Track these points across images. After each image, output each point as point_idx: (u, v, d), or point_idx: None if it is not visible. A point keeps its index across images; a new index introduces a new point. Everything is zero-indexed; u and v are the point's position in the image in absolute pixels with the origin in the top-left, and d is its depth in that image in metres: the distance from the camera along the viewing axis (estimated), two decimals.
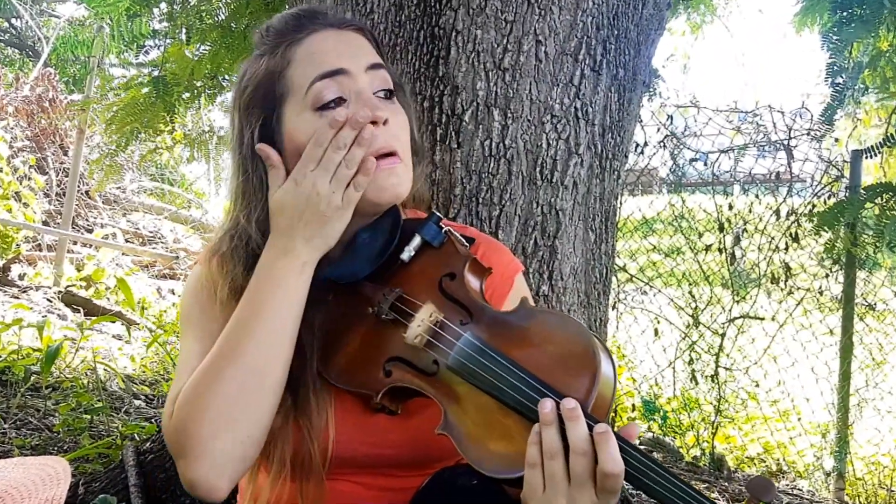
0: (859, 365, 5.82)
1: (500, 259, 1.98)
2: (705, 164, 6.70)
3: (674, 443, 5.97)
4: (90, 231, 10.34)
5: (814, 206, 5.76)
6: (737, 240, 6.24)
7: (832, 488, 5.54)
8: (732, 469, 5.64)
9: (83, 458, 3.86)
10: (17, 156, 9.94)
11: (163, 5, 4.94)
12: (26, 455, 3.89)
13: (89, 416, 4.44)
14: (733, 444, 6.08)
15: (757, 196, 6.35)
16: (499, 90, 2.57)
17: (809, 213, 5.67)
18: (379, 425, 1.75)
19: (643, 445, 5.71)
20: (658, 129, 6.57)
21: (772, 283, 6.05)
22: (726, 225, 6.13)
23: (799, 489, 5.61)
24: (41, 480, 1.49)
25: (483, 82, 2.57)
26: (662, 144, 6.57)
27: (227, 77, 4.81)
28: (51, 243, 9.39)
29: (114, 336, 6.96)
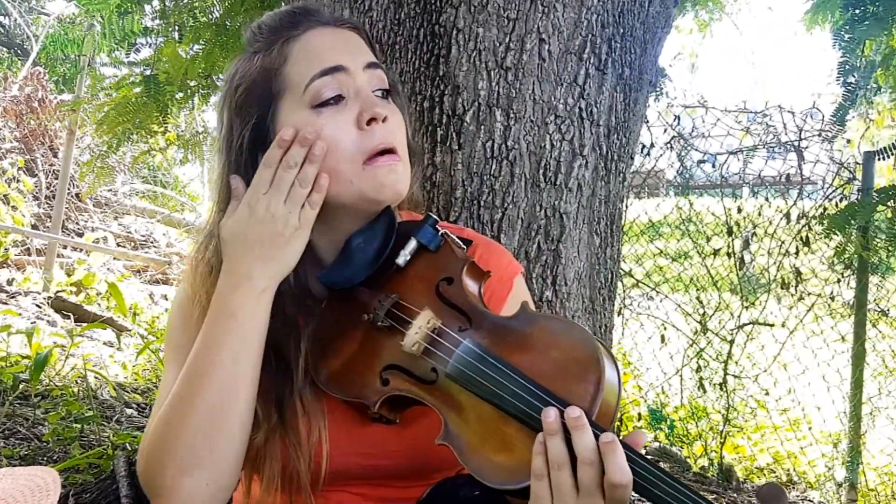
0: (872, 373, 5.82)
1: (499, 261, 1.98)
2: (713, 166, 6.70)
3: (681, 453, 5.97)
4: (80, 235, 10.34)
5: (825, 210, 5.75)
6: (746, 244, 6.25)
7: (844, 499, 5.54)
8: (741, 480, 5.64)
9: (73, 469, 3.86)
10: (6, 157, 9.96)
11: (155, 2, 4.93)
12: (14, 465, 3.89)
13: (79, 426, 4.44)
14: (742, 455, 6.08)
15: (767, 199, 6.35)
16: (501, 90, 2.57)
17: (820, 217, 5.66)
18: (376, 435, 1.75)
19: (649, 455, 5.71)
20: (665, 130, 6.58)
21: (782, 289, 6.06)
22: (735, 228, 6.13)
23: (810, 500, 5.61)
24: (30, 491, 1.49)
25: (485, 82, 2.57)
26: (669, 146, 6.58)
27: (222, 77, 4.81)
28: (40, 247, 9.39)
29: (105, 343, 6.96)
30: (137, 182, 13.10)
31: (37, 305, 7.77)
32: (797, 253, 5.93)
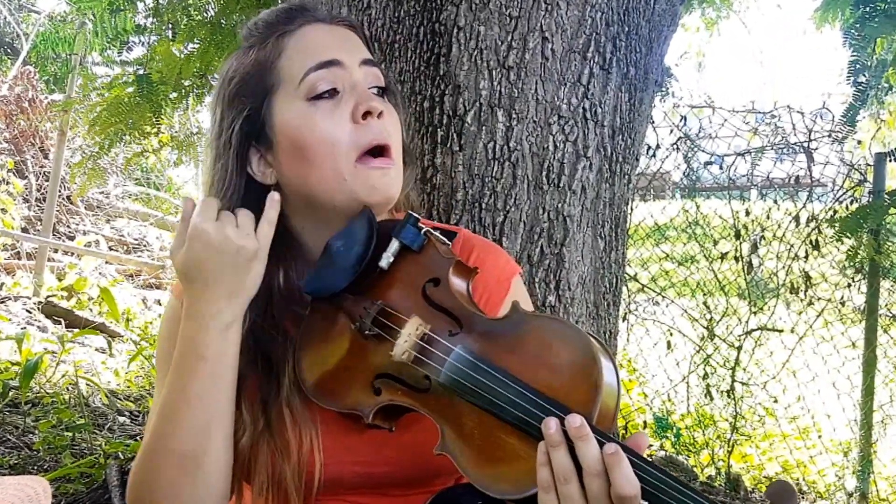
0: (883, 379, 5.81)
1: (496, 261, 1.99)
2: (721, 168, 6.69)
3: (687, 462, 5.96)
4: (72, 238, 10.35)
5: (835, 212, 5.74)
6: (754, 247, 6.23)
7: None
8: (749, 489, 5.63)
9: (64, 478, 3.86)
10: None
11: (148, 0, 4.94)
12: (4, 475, 3.88)
13: (71, 434, 4.44)
14: (750, 464, 6.07)
15: (775, 201, 6.35)
16: (503, 90, 2.57)
17: (831, 220, 5.65)
18: (371, 442, 1.75)
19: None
20: (671, 131, 6.57)
21: (791, 294, 6.05)
22: (743, 232, 6.12)
23: None
24: (20, 501, 1.49)
25: (486, 81, 2.57)
26: (675, 147, 6.57)
27: (217, 76, 4.81)
28: (30, 251, 9.40)
29: (97, 349, 6.96)
30: (130, 184, 13.10)
31: (27, 311, 7.77)
32: (807, 257, 5.92)
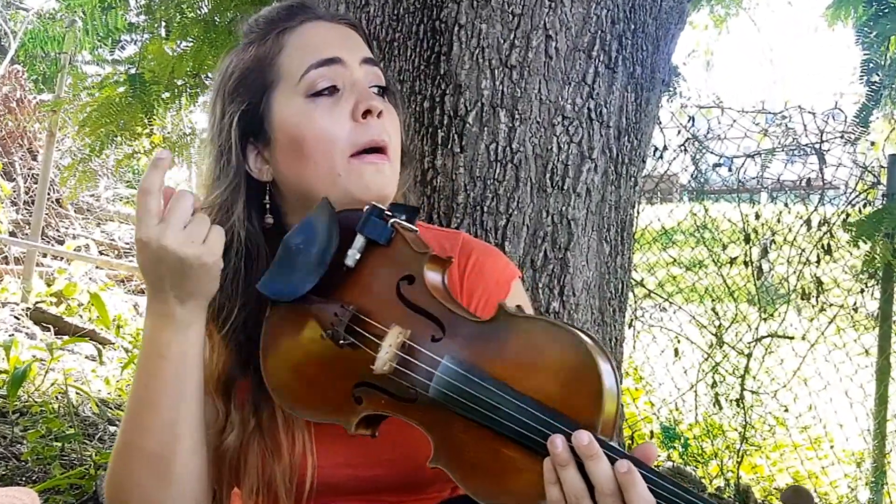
0: None
1: (496, 264, 2.00)
2: (730, 170, 6.69)
3: (695, 473, 5.95)
4: (61, 242, 10.35)
5: (848, 216, 5.73)
6: (764, 252, 6.23)
7: None
8: (759, 501, 5.63)
9: (54, 490, 3.86)
10: None
11: None
12: None
13: (60, 444, 4.44)
14: (760, 475, 6.06)
15: (786, 204, 6.34)
16: (505, 89, 2.57)
17: (843, 223, 5.65)
18: (366, 444, 1.71)
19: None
20: (678, 132, 6.57)
21: (802, 299, 6.04)
22: (753, 236, 6.12)
23: None
24: None
25: (488, 81, 2.57)
26: (683, 148, 6.56)
27: (210, 75, 4.81)
28: (18, 256, 9.39)
29: (87, 357, 6.95)
30: (121, 187, 13.10)
31: (15, 317, 7.77)
32: (818, 261, 5.91)
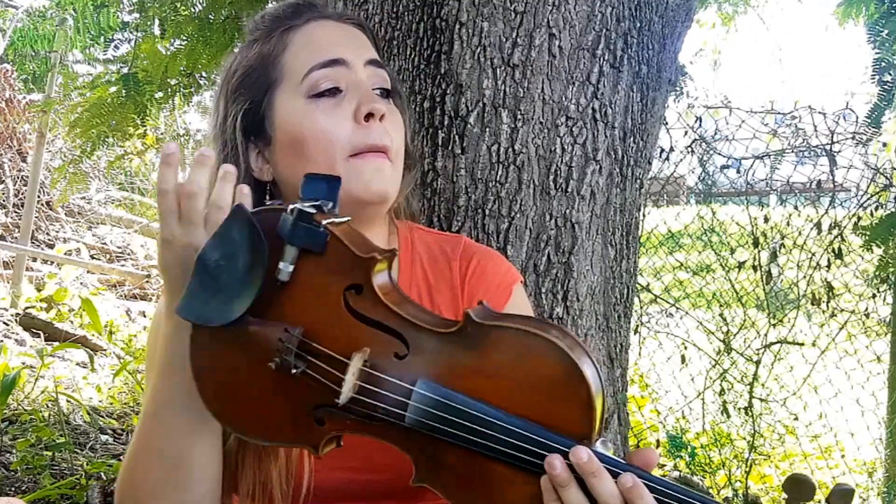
0: None
1: (497, 268, 2.02)
2: (738, 172, 6.68)
3: (703, 483, 5.95)
4: (51, 246, 10.35)
5: (859, 219, 5.73)
6: (773, 256, 6.22)
7: None
8: None
9: (44, 500, 3.86)
10: None
11: None
12: None
13: (50, 453, 4.44)
14: (769, 485, 6.05)
15: (796, 207, 6.34)
16: (507, 89, 2.57)
17: (854, 227, 5.65)
18: (363, 447, 1.67)
19: None
20: (685, 133, 6.56)
21: (812, 305, 6.03)
22: (761, 239, 6.11)
23: None
24: None
25: (490, 80, 2.57)
26: (690, 149, 6.56)
27: (205, 75, 4.82)
28: (7, 260, 9.40)
29: (78, 363, 6.96)
30: (113, 189, 13.09)
31: (4, 323, 7.77)
32: (829, 266, 5.90)
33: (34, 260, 9.76)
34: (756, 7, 9.95)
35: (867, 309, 5.96)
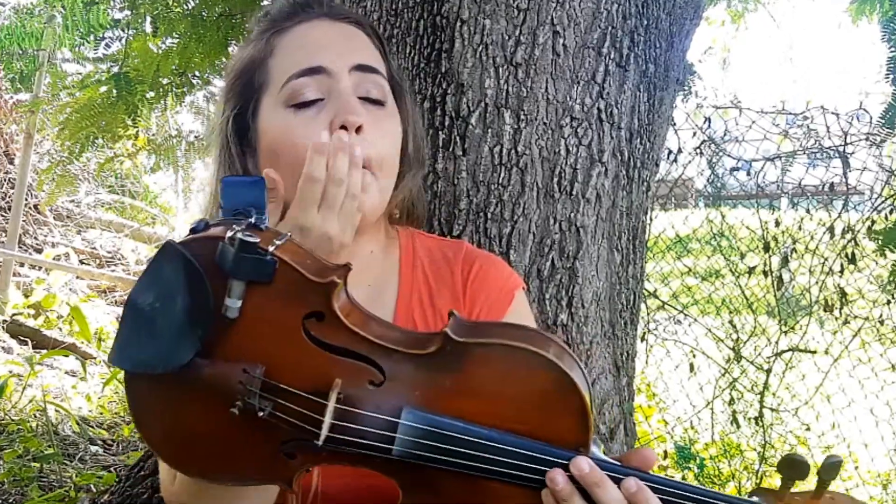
0: None
1: (499, 274, 2.03)
2: (748, 174, 6.68)
3: None
4: (39, 251, 10.34)
5: (873, 223, 5.72)
6: (784, 261, 6.22)
7: None
8: None
9: None
10: None
11: None
12: None
13: (38, 465, 4.44)
14: None
15: (808, 210, 6.33)
16: (510, 89, 2.57)
17: (868, 231, 5.64)
18: None
19: None
20: (694, 134, 6.55)
21: (825, 311, 6.02)
22: (772, 244, 6.10)
23: None
24: None
25: (492, 80, 2.57)
26: (699, 151, 6.56)
27: (198, 74, 4.82)
28: None
29: (67, 372, 6.95)
30: (103, 192, 13.08)
31: None
32: (842, 271, 5.89)
33: (21, 265, 9.76)
34: (767, 4, 9.94)
35: (881, 315, 5.95)
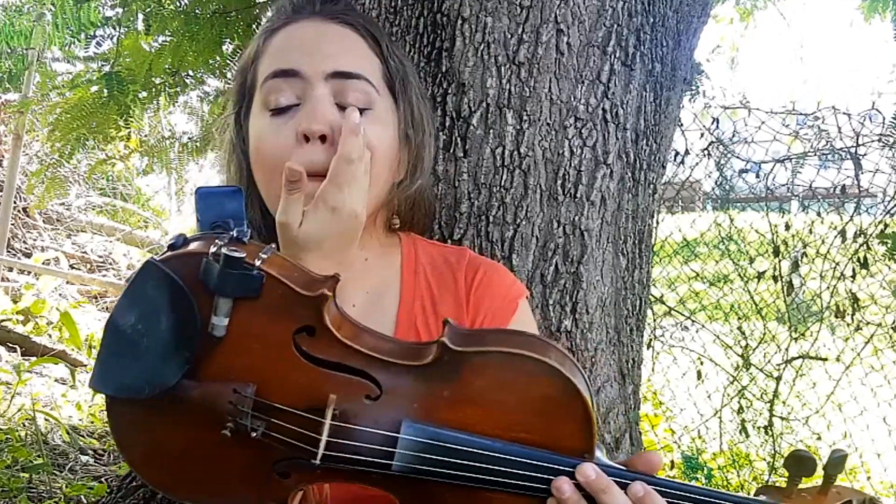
0: None
1: (502, 281, 2.04)
2: (757, 176, 6.68)
3: None
4: (28, 255, 10.34)
5: (886, 226, 5.72)
6: (795, 266, 6.22)
7: None
8: None
9: None
10: None
11: None
12: None
13: (27, 475, 4.44)
14: None
15: (819, 214, 6.33)
16: (513, 88, 2.57)
17: (881, 235, 5.64)
18: None
19: None
20: (702, 135, 6.55)
21: (836, 318, 6.02)
22: (782, 248, 6.10)
23: None
24: None
25: (494, 79, 2.57)
26: (707, 153, 6.56)
27: (191, 73, 4.81)
28: None
29: (57, 380, 6.95)
30: (94, 195, 13.09)
31: None
32: (854, 276, 5.89)
33: (10, 270, 9.76)
34: (776, 1, 9.95)
35: (895, 322, 5.95)
